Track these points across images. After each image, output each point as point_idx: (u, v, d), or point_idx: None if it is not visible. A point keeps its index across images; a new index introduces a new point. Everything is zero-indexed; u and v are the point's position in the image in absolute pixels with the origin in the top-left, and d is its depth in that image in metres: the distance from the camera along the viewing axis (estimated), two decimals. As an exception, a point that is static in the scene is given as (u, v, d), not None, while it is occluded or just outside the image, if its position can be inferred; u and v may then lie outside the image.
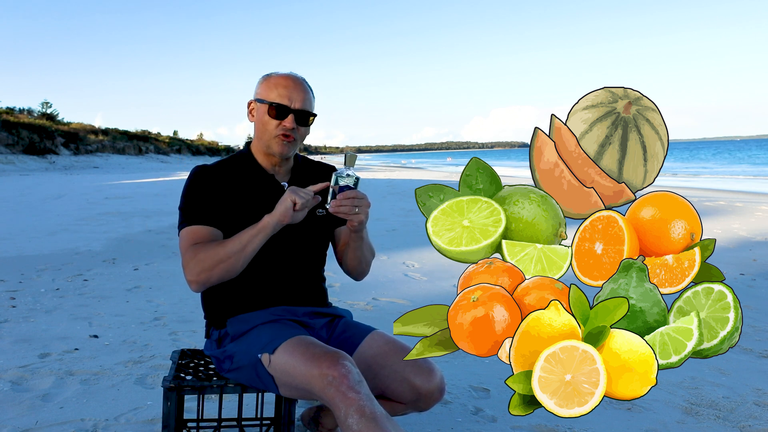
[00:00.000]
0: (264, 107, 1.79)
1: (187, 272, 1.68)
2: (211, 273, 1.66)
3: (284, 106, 1.77)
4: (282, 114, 1.77)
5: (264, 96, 1.80)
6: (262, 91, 1.81)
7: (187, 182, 1.80)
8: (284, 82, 1.79)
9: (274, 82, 1.80)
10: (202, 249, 1.68)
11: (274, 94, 1.78)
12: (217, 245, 1.68)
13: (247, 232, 1.67)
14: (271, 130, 1.79)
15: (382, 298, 4.22)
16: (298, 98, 1.79)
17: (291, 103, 1.77)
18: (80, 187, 16.34)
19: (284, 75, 1.82)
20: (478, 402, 2.47)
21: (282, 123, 1.78)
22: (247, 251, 1.67)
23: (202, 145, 59.80)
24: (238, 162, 1.86)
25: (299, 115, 1.78)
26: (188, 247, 1.70)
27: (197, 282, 1.67)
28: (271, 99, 1.78)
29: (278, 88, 1.78)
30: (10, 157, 28.34)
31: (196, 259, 1.66)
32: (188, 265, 1.67)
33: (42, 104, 43.87)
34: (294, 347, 1.62)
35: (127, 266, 5.29)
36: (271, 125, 1.78)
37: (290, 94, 1.78)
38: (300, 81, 1.82)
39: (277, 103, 1.77)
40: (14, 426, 2.18)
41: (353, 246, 1.86)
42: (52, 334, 3.29)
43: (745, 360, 3.00)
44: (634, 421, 2.30)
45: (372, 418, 1.44)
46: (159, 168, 34.76)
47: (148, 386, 2.58)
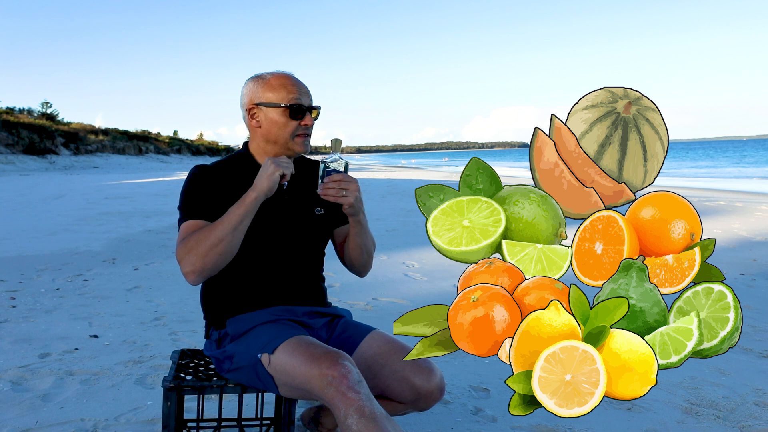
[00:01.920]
0: (278, 110, 1.76)
1: (183, 264, 1.64)
2: (206, 260, 1.62)
3: (302, 106, 1.77)
4: (301, 114, 1.77)
5: (271, 99, 1.77)
6: (265, 93, 1.77)
7: (186, 181, 1.80)
8: (288, 82, 1.79)
9: (277, 83, 1.78)
10: (192, 238, 1.65)
11: (284, 95, 1.76)
12: (207, 230, 1.64)
13: (233, 211, 1.65)
14: (290, 131, 1.77)
15: (382, 298, 4.22)
16: (307, 94, 1.81)
17: (305, 101, 1.79)
18: (80, 187, 16.34)
19: (282, 74, 1.80)
20: (478, 402, 2.47)
21: (302, 122, 1.78)
22: (239, 230, 1.65)
23: (202, 145, 59.80)
24: (237, 162, 1.86)
25: (314, 111, 1.81)
26: (181, 240, 1.68)
27: (193, 272, 1.63)
28: (285, 100, 1.76)
29: (286, 87, 1.77)
30: (10, 157, 28.34)
31: (187, 248, 1.63)
32: (183, 257, 1.64)
33: (42, 104, 43.87)
34: (294, 347, 1.62)
35: (127, 266, 5.29)
36: (291, 126, 1.77)
37: (300, 92, 1.78)
38: (297, 77, 1.83)
39: (295, 104, 1.76)
40: (14, 426, 2.18)
41: (353, 233, 1.85)
42: (52, 334, 3.29)
43: (745, 360, 3.00)
44: (634, 421, 2.30)
45: (372, 418, 1.44)
46: (159, 168, 34.76)
47: (148, 386, 2.58)
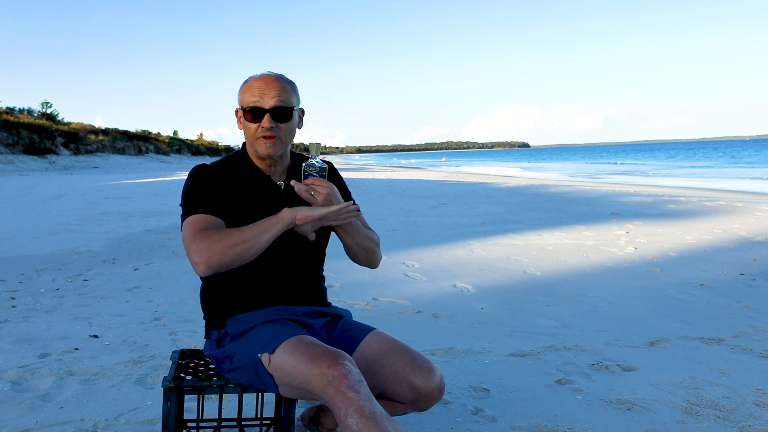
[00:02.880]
0: (243, 113, 1.79)
1: (196, 255, 1.63)
2: (223, 256, 1.62)
3: (258, 108, 1.76)
4: (258, 115, 1.76)
5: (241, 101, 1.80)
6: (240, 96, 1.81)
7: (187, 180, 1.80)
8: (255, 83, 1.78)
9: (247, 86, 1.80)
10: (216, 233, 1.65)
11: (247, 97, 1.78)
12: (233, 230, 1.67)
13: (266, 220, 1.68)
14: (252, 134, 1.78)
15: (382, 298, 4.22)
16: (271, 95, 1.76)
17: (264, 102, 1.76)
18: (80, 187, 16.35)
19: (257, 76, 1.81)
20: (478, 402, 2.47)
21: (260, 124, 1.76)
22: (263, 239, 1.66)
23: (202, 145, 59.82)
24: (236, 162, 1.86)
25: (275, 112, 1.76)
26: (196, 231, 1.67)
27: (207, 264, 1.62)
28: (246, 103, 1.77)
29: (251, 89, 1.78)
30: (10, 157, 28.34)
31: (208, 241, 1.63)
32: (198, 248, 1.63)
33: (42, 104, 43.89)
34: (294, 347, 1.62)
35: (127, 266, 5.29)
36: (251, 129, 1.78)
37: (261, 93, 1.76)
38: (273, 78, 1.79)
39: (251, 106, 1.76)
40: (14, 426, 2.18)
41: (340, 234, 1.87)
42: (52, 334, 3.29)
43: (745, 360, 3.00)
44: (634, 421, 2.29)
45: (372, 417, 1.44)
46: (159, 168, 34.77)
47: (148, 386, 2.58)
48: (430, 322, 3.64)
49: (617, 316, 3.80)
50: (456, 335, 3.37)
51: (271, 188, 1.85)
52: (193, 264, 1.64)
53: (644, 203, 11.62)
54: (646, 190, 15.66)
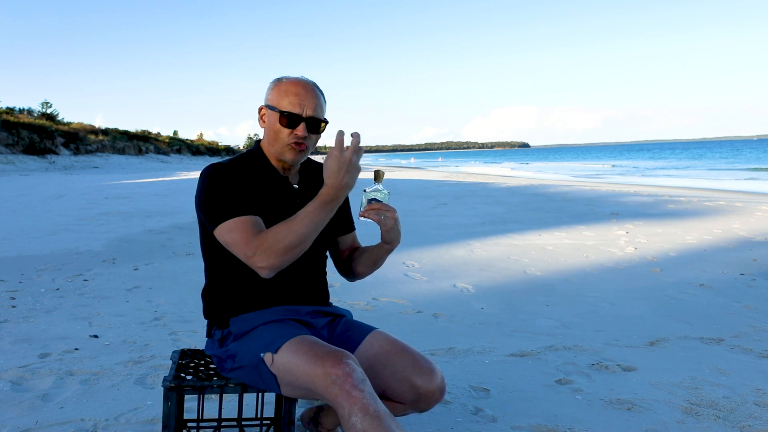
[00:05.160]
0: (275, 115, 1.76)
1: (259, 261, 1.60)
2: (285, 257, 1.61)
3: (296, 115, 1.74)
4: (294, 123, 1.74)
5: (275, 103, 1.76)
6: (273, 97, 1.77)
7: (205, 181, 1.74)
8: (295, 89, 1.75)
9: (284, 89, 1.76)
10: (269, 234, 1.62)
11: (285, 102, 1.74)
12: (283, 228, 1.61)
13: (310, 206, 1.61)
14: (283, 139, 1.76)
15: (382, 298, 4.22)
16: (310, 105, 1.75)
17: (302, 111, 1.74)
18: (80, 187, 16.35)
19: (294, 81, 1.78)
20: (478, 402, 2.47)
21: (294, 132, 1.75)
22: (318, 229, 1.63)
23: (202, 145, 59.82)
24: (252, 161, 1.84)
25: (310, 122, 1.75)
26: (249, 237, 1.64)
27: (271, 268, 1.61)
28: (283, 107, 1.74)
29: (289, 95, 1.75)
30: (10, 157, 28.34)
31: (266, 245, 1.60)
32: (258, 253, 1.60)
33: (42, 104, 43.91)
34: (297, 347, 1.62)
35: (127, 266, 5.29)
36: (284, 134, 1.76)
37: (301, 102, 1.74)
38: (311, 86, 1.78)
39: (288, 112, 1.74)
40: (14, 426, 2.18)
41: (378, 254, 1.89)
42: (52, 334, 3.29)
43: (745, 360, 3.00)
44: (634, 421, 2.30)
45: (376, 416, 1.44)
46: (159, 168, 34.78)
47: (148, 386, 2.58)
48: (430, 322, 3.64)
49: (617, 316, 3.80)
50: (456, 335, 3.38)
51: (287, 190, 1.84)
52: (258, 269, 1.62)
53: (644, 203, 11.63)
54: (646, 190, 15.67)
